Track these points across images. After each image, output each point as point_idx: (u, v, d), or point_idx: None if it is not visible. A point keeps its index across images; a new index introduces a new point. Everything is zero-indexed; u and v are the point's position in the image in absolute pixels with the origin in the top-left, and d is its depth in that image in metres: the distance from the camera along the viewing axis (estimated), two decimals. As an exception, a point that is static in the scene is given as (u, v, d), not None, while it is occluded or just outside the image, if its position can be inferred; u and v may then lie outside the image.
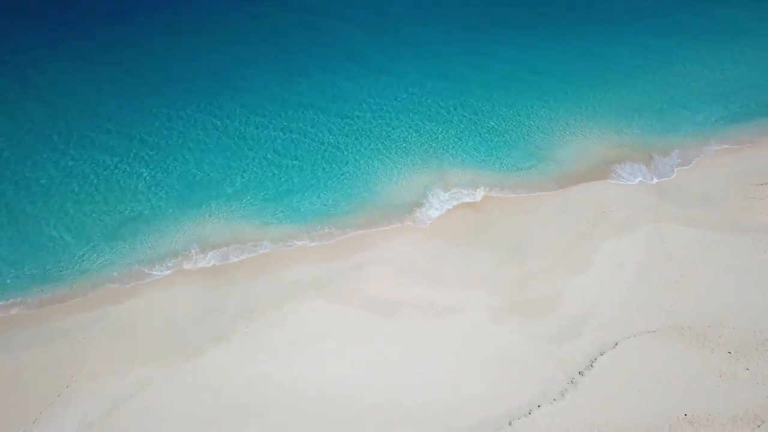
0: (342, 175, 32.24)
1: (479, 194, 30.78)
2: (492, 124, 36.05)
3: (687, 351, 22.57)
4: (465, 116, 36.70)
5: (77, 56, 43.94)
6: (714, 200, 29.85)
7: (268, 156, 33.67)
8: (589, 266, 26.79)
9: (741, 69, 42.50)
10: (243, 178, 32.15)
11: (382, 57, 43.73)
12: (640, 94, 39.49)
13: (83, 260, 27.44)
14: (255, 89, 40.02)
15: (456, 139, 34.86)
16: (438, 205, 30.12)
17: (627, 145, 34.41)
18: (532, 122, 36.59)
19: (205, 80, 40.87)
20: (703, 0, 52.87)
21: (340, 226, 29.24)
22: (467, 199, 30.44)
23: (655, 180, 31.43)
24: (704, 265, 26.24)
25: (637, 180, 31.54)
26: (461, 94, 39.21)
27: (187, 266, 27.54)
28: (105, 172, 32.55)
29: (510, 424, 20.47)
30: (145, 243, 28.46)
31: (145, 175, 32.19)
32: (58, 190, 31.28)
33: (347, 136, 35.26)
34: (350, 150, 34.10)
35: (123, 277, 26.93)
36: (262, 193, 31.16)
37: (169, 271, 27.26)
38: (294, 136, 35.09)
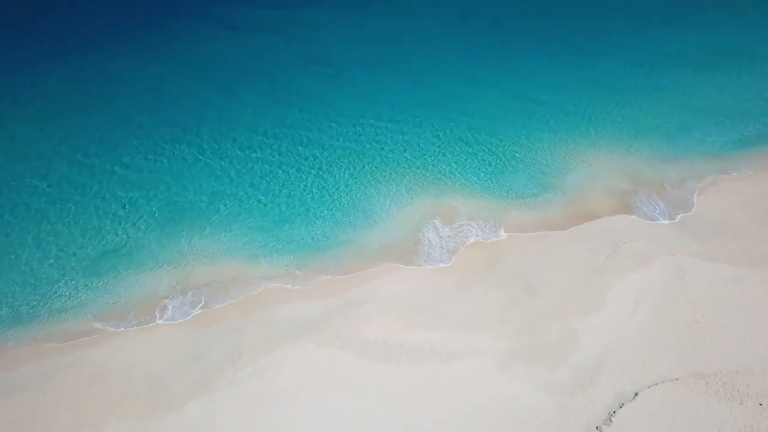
0: (336, 206, 30.35)
1: (485, 228, 28.90)
2: (494, 154, 34.20)
3: (714, 403, 20.66)
4: (465, 146, 34.76)
5: (58, 81, 42.05)
6: (732, 231, 28.08)
7: (255, 185, 31.71)
8: (603, 304, 24.92)
9: (751, 93, 40.93)
10: (229, 209, 30.20)
11: (377, 85, 41.79)
12: (647, 118, 37.80)
13: (57, 299, 25.42)
14: (241, 117, 38.11)
15: (457, 170, 32.96)
16: (440, 239, 28.24)
17: (637, 172, 32.62)
18: (536, 152, 34.74)
19: (188, 109, 38.93)
20: (711, 23, 51.26)
21: (334, 261, 27.31)
22: (471, 233, 28.55)
23: (669, 210, 29.65)
24: (727, 304, 24.41)
25: (650, 210, 29.77)
26: (460, 124, 37.22)
27: (169, 305, 25.55)
28: (82, 204, 30.59)
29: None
30: (125, 280, 26.47)
31: (125, 207, 30.20)
32: (32, 222, 29.31)
33: (341, 166, 33.35)
34: (345, 180, 32.18)
35: (100, 318, 24.91)
36: (249, 225, 29.21)
37: (150, 312, 25.26)
38: (283, 166, 33.04)
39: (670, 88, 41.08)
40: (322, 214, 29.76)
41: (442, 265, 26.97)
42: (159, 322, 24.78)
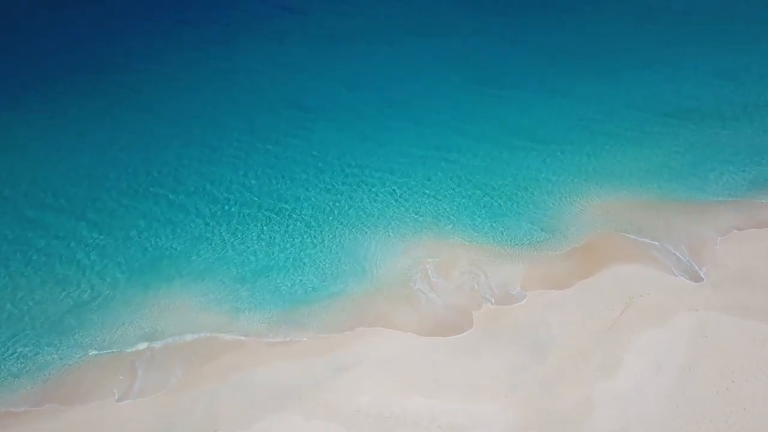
0: (321, 254, 27.79)
1: (486, 281, 26.49)
2: (492, 196, 31.67)
3: (753, 488, 18.17)
4: (460, 189, 32.29)
5: (27, 116, 39.66)
6: (758, 282, 25.82)
7: (233, 231, 29.26)
8: (621, 367, 22.48)
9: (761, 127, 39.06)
10: (204, 257, 27.62)
11: (364, 123, 39.32)
12: (654, 158, 35.58)
13: (14, 361, 22.77)
14: (219, 159, 35.37)
15: (454, 215, 30.35)
16: (437, 295, 25.80)
17: (648, 216, 30.41)
18: (536, 193, 32.22)
19: (163, 149, 36.13)
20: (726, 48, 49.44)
21: (319, 316, 24.78)
22: (472, 288, 26.09)
23: (686, 258, 27.42)
24: (758, 367, 22.04)
25: (665, 258, 27.53)
26: (454, 164, 34.84)
27: (138, 367, 22.91)
28: (44, 251, 28.07)
29: None
30: (90, 337, 23.85)
31: (91, 255, 27.56)
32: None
33: (328, 211, 30.80)
34: (331, 226, 29.57)
35: (61, 383, 22.24)
36: (225, 275, 26.62)
37: (114, 378, 22.58)
38: (264, 211, 30.29)
39: (678, 125, 39.14)
40: (305, 263, 27.30)
41: (441, 322, 24.49)
42: (125, 389, 22.10)
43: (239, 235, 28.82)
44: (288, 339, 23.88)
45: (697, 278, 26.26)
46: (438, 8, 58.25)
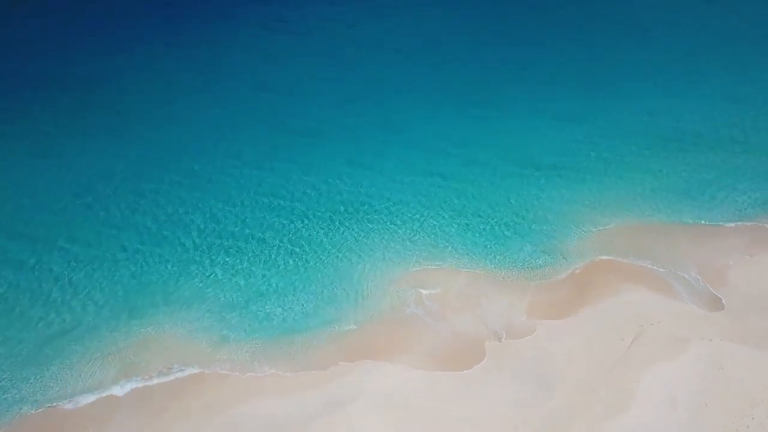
0: (315, 283, 26.40)
1: (488, 309, 25.20)
2: (488, 221, 30.41)
3: None
4: (458, 214, 30.93)
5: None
6: (775, 309, 24.61)
7: (220, 255, 27.93)
8: (633, 402, 21.10)
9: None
10: (188, 288, 26.25)
11: (360, 145, 37.89)
12: (659, 177, 34.46)
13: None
14: (205, 183, 33.65)
15: (452, 240, 29.01)
16: (436, 323, 24.50)
17: (655, 238, 29.25)
18: (536, 215, 31.12)
19: (146, 173, 34.47)
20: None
21: (313, 348, 23.43)
22: (473, 317, 24.78)
23: (698, 284, 26.18)
24: (779, 401, 20.70)
25: (676, 284, 26.29)
26: (448, 189, 33.52)
27: (122, 405, 21.56)
28: (18, 283, 26.52)
29: None
30: (70, 372, 22.48)
31: (67, 288, 26.12)
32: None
33: (318, 238, 29.39)
34: (323, 254, 28.29)
35: (38, 417, 20.91)
36: (212, 302, 25.28)
37: (96, 409, 21.23)
38: (251, 240, 28.38)
39: (685, 141, 38.07)
40: (296, 292, 26.00)
41: (441, 355, 23.15)
42: (103, 415, 20.74)
43: (225, 265, 27.30)
44: (278, 372, 22.49)
45: (709, 305, 25.01)
46: (432, 33, 57.28)
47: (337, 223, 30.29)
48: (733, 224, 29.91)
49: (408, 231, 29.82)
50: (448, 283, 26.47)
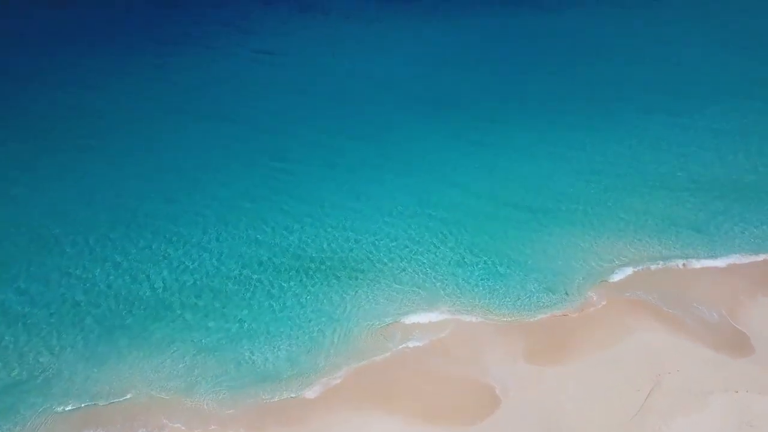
0: (297, 323, 23.95)
1: (487, 351, 22.86)
2: (483, 256, 28.24)
3: None
4: (454, 248, 28.77)
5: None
6: (805, 356, 22.36)
7: (193, 294, 25.57)
8: (653, 465, 18.79)
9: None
10: (159, 324, 23.91)
11: (352, 173, 35.76)
12: (671, 209, 32.43)
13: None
14: (181, 214, 31.20)
15: (445, 278, 26.72)
16: (429, 370, 22.12)
17: (670, 275, 27.13)
18: (539, 251, 28.88)
19: (119, 203, 32.14)
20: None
21: (292, 396, 21.00)
22: (470, 360, 22.42)
23: (718, 325, 23.98)
24: (818, 466, 18.38)
25: (692, 324, 24.08)
26: (446, 221, 31.38)
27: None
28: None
29: None
30: (19, 424, 20.02)
31: (22, 331, 23.56)
32: None
33: (300, 278, 26.93)
34: (307, 293, 25.89)
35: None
36: (183, 349, 22.77)
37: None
38: (230, 279, 26.17)
39: (689, 168, 36.22)
40: (276, 332, 23.62)
41: (434, 406, 20.74)
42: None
43: (196, 308, 24.99)
44: (251, 424, 20.05)
45: (733, 351, 22.77)
46: (424, 61, 55.74)
47: (322, 259, 28.03)
48: (751, 259, 27.85)
49: (399, 267, 27.58)
50: (443, 326, 24.18)
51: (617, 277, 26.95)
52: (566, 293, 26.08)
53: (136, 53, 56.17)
